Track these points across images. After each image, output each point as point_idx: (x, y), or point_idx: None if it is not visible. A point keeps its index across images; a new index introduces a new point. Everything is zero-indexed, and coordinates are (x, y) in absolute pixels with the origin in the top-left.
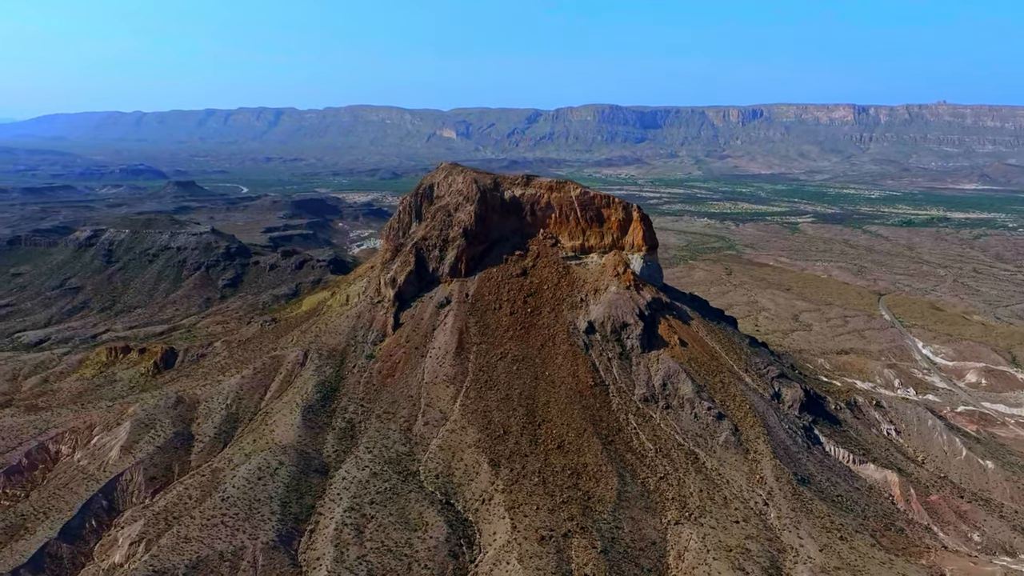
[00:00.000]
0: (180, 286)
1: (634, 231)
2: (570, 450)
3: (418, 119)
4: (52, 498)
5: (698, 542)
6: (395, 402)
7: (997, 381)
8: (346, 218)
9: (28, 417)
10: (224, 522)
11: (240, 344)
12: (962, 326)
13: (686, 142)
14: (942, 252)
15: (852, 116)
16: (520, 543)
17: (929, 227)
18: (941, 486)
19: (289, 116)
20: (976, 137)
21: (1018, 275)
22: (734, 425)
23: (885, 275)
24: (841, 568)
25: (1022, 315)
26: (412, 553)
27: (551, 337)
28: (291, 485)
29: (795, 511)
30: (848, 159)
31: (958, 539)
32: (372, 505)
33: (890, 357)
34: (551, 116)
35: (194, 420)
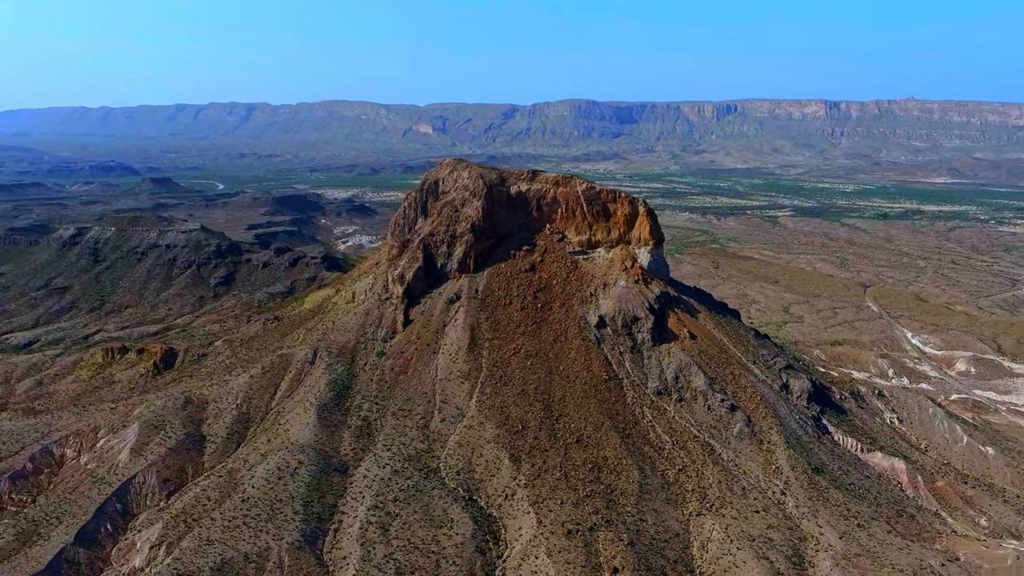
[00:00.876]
0: (171, 285)
1: (641, 225)
2: (589, 444)
3: (394, 114)
4: (63, 503)
5: (721, 532)
6: (410, 399)
7: (986, 369)
8: (328, 214)
9: (28, 421)
10: (246, 523)
11: (243, 343)
12: (947, 316)
13: (662, 137)
14: (920, 244)
15: (824, 111)
16: (547, 537)
17: (904, 220)
18: (945, 472)
19: (261, 111)
20: (943, 132)
21: (995, 266)
22: (747, 416)
23: (867, 267)
24: (861, 555)
25: (1003, 305)
26: (439, 550)
27: (563, 332)
28: (312, 484)
29: (812, 500)
30: (821, 153)
31: (966, 524)
32: (396, 503)
33: (881, 347)
34: (528, 111)
35: (204, 421)
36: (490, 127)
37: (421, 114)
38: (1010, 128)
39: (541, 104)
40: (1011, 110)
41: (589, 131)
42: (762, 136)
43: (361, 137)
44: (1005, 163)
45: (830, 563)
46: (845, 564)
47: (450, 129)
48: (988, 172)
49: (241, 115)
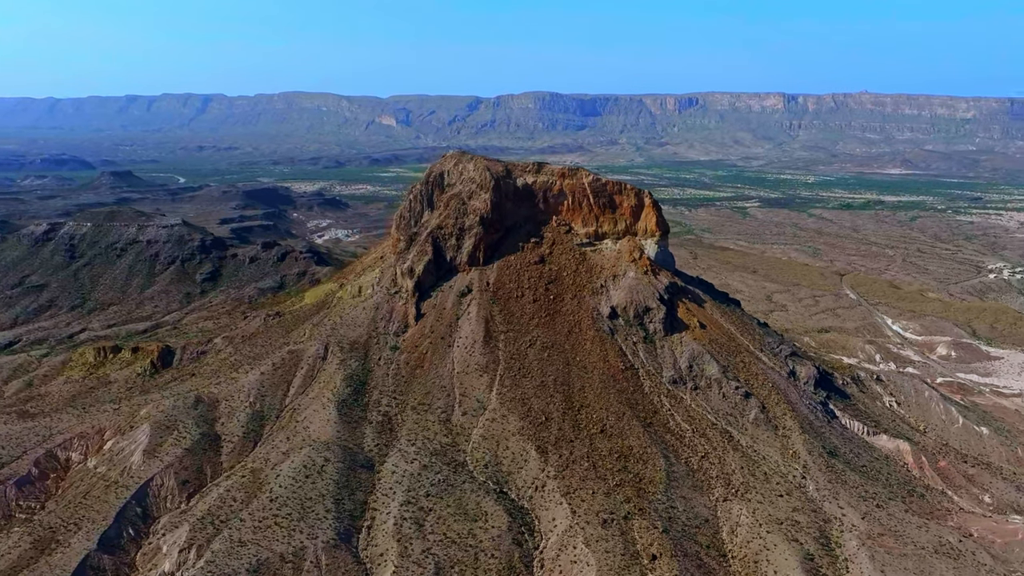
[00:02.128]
0: (155, 281)
1: (647, 217)
2: (613, 434)
3: (356, 106)
4: (79, 508)
5: (748, 517)
6: (429, 393)
7: (965, 353)
8: (300, 208)
9: (25, 424)
10: (278, 523)
11: (244, 340)
12: (921, 303)
13: (625, 129)
14: (885, 234)
15: (782, 104)
16: (583, 527)
17: (867, 210)
18: (946, 453)
19: (218, 103)
20: (896, 124)
21: (958, 254)
22: (761, 403)
23: (839, 256)
24: (884, 534)
25: (972, 291)
26: (476, 543)
27: (577, 323)
28: (340, 482)
29: (831, 483)
30: (780, 146)
31: (971, 501)
32: (428, 498)
33: (865, 334)
34: (492, 103)
35: (217, 420)
36: (454, 119)
37: (384, 106)
38: (958, 121)
39: (505, 96)
40: (959, 103)
41: (553, 123)
42: (723, 128)
43: (323, 129)
44: (955, 155)
45: (856, 543)
46: (871, 543)
47: (414, 121)
48: (939, 163)
49: (197, 107)
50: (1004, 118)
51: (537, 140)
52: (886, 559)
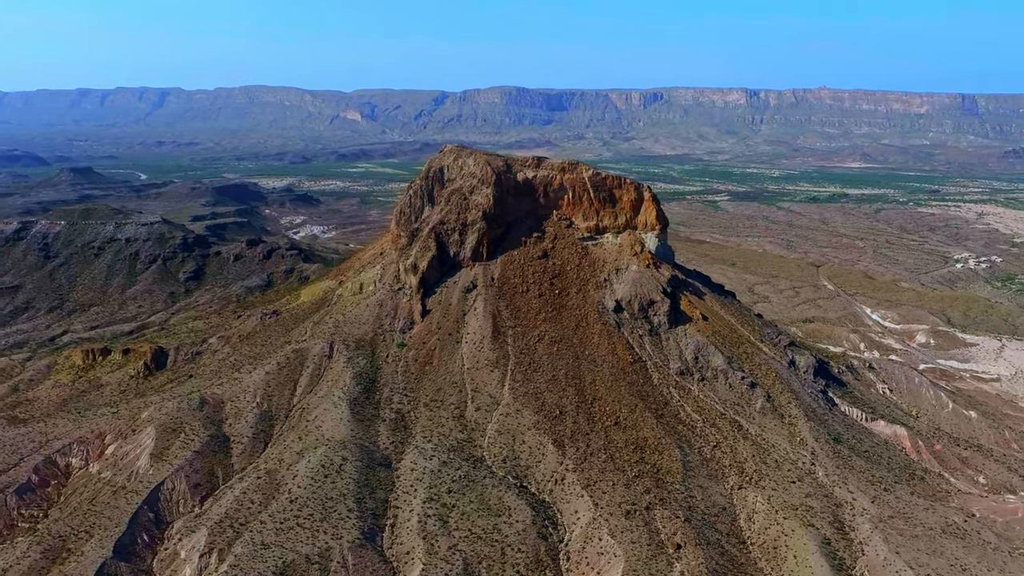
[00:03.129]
0: (136, 281)
1: (646, 211)
2: (627, 426)
3: (320, 100)
4: (88, 515)
5: (764, 504)
6: (440, 389)
7: (943, 340)
8: (271, 204)
9: (18, 430)
10: (300, 524)
11: (242, 339)
12: (896, 292)
13: (591, 124)
14: (853, 226)
15: (745, 99)
16: (607, 519)
17: (833, 203)
18: (939, 437)
19: (176, 97)
20: (854, 119)
21: (925, 245)
22: (766, 392)
23: (812, 248)
24: (895, 517)
25: (942, 280)
26: (502, 538)
27: (583, 317)
28: (360, 480)
29: (839, 468)
30: (743, 140)
31: (967, 483)
32: (450, 494)
33: (847, 323)
34: (458, 98)
35: (224, 421)
36: (420, 114)
37: (348, 100)
38: (912, 116)
39: (471, 91)
40: (913, 99)
41: (520, 118)
42: (687, 123)
43: (286, 124)
44: (911, 149)
45: (869, 526)
46: (883, 526)
47: (379, 116)
48: (897, 157)
49: (153, 101)
50: (956, 113)
51: (504, 135)
52: (899, 541)
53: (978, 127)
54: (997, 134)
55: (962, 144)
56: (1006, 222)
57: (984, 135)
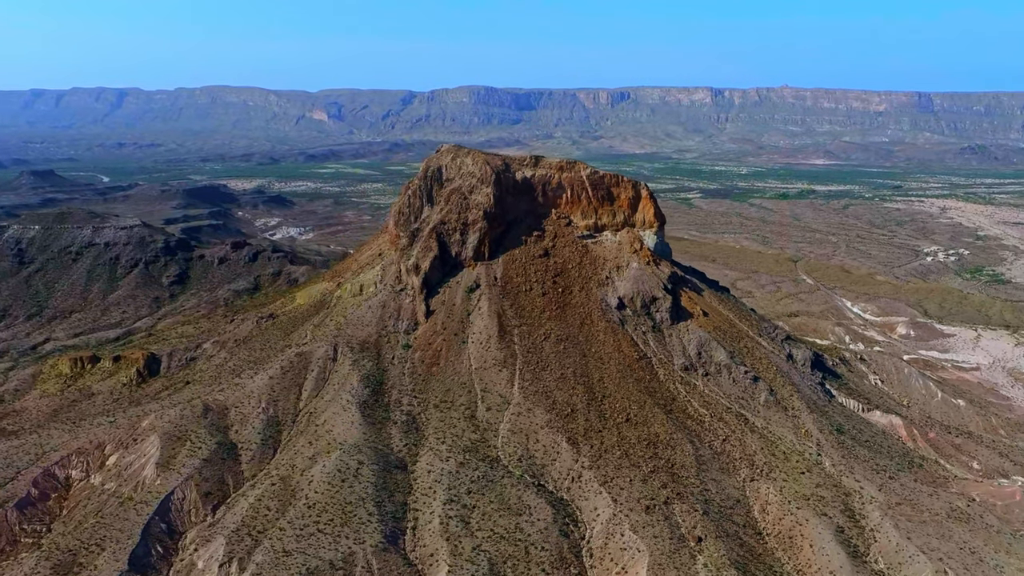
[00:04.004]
0: (118, 286)
1: (644, 208)
2: (638, 422)
3: (285, 100)
4: (97, 528)
5: (777, 495)
6: (449, 390)
7: (923, 332)
8: (244, 206)
9: (9, 442)
10: (321, 530)
11: (238, 344)
12: (873, 285)
13: (560, 123)
14: (824, 221)
15: (710, 98)
16: (627, 514)
17: (802, 199)
18: (932, 425)
19: (135, 97)
20: (815, 117)
21: (895, 239)
22: (769, 386)
23: (788, 243)
24: (902, 503)
25: (915, 273)
26: (525, 537)
27: (587, 315)
28: (378, 484)
29: (845, 458)
30: (709, 138)
31: (962, 469)
32: (470, 495)
33: (830, 317)
34: (426, 97)
35: (229, 427)
36: (388, 114)
37: (314, 100)
38: (871, 114)
39: (440, 90)
40: (872, 97)
41: (489, 118)
42: (654, 122)
43: (250, 125)
44: (871, 146)
45: (879, 514)
46: (892, 513)
47: (346, 116)
48: (858, 154)
49: (111, 101)
50: (912, 111)
51: (473, 134)
52: (909, 527)
53: (934, 124)
54: (952, 131)
55: (919, 141)
56: (968, 216)
57: (940, 132)
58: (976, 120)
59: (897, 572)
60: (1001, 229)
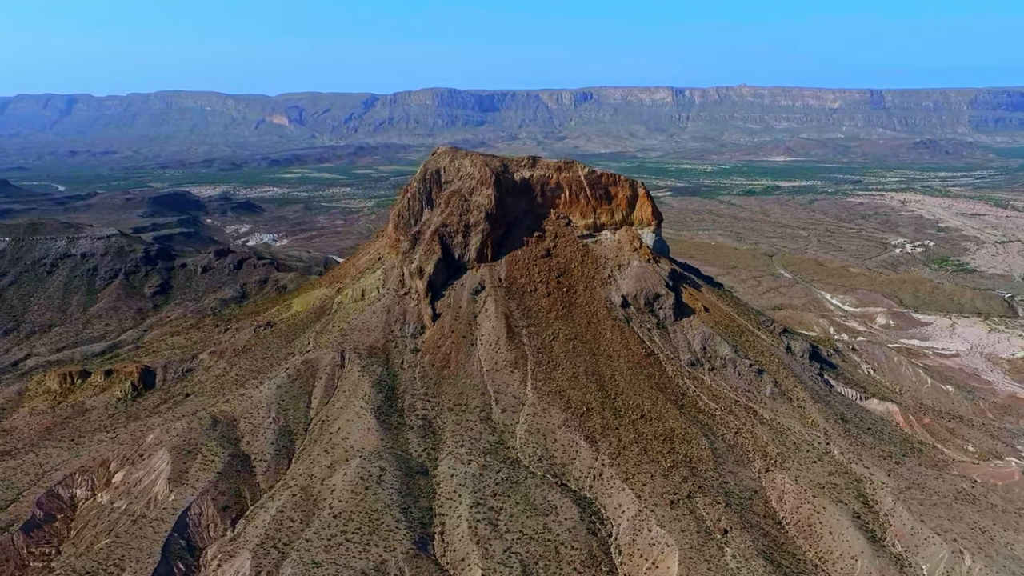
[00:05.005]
0: (98, 298)
1: (642, 207)
2: (653, 418)
3: (243, 105)
4: (113, 548)
5: (792, 484)
6: (462, 393)
7: (902, 321)
8: (212, 213)
9: (6, 463)
10: (348, 539)
11: (237, 353)
12: (848, 278)
13: (524, 124)
14: (793, 216)
15: (671, 97)
16: (653, 510)
17: (768, 195)
18: (925, 411)
19: (85, 104)
20: (773, 115)
21: (862, 232)
22: (773, 378)
23: (761, 239)
24: (911, 487)
25: (886, 265)
26: (553, 537)
27: (593, 313)
28: (402, 490)
29: (852, 446)
30: (672, 137)
31: (958, 452)
32: (496, 497)
33: (813, 309)
34: (389, 100)
35: (240, 439)
36: (351, 117)
37: (274, 104)
38: (827, 111)
39: (403, 93)
40: (827, 95)
41: (453, 120)
42: (617, 121)
43: (208, 130)
44: (828, 142)
45: (891, 499)
46: (903, 497)
47: (307, 120)
48: (817, 150)
49: (60, 108)
50: (866, 107)
51: (437, 136)
52: (921, 510)
53: (886, 120)
54: (903, 127)
55: (873, 136)
56: (928, 208)
57: (892, 128)
58: (926, 116)
59: (915, 555)
60: (960, 220)
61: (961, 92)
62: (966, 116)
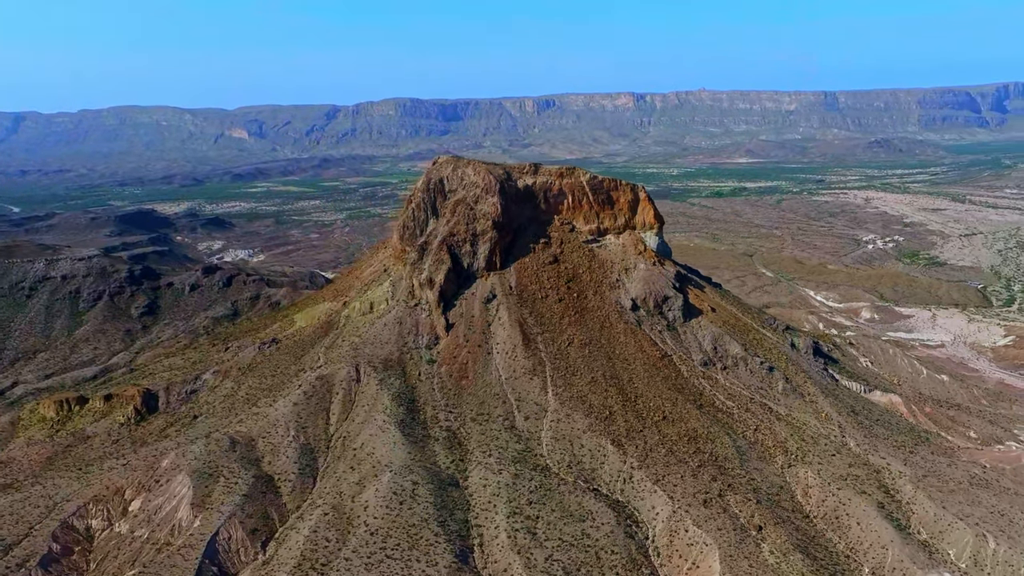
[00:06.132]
0: (83, 321)
1: (644, 211)
2: (674, 419)
3: (201, 119)
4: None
5: (816, 478)
6: (483, 402)
7: (885, 315)
8: (181, 230)
9: (11, 496)
10: (389, 555)
11: (243, 372)
12: (827, 274)
13: (488, 132)
14: (764, 216)
15: (632, 103)
16: (687, 510)
17: (737, 196)
18: (925, 400)
19: (33, 121)
20: (732, 118)
21: (834, 229)
22: (784, 375)
23: (738, 240)
24: (928, 475)
25: (861, 260)
26: (593, 543)
27: (605, 317)
28: (437, 503)
29: (867, 437)
30: (635, 142)
31: (961, 439)
32: (531, 505)
33: (798, 306)
34: (351, 111)
35: (261, 459)
36: (312, 129)
37: (233, 118)
38: (783, 113)
39: (365, 104)
40: (783, 97)
41: (416, 130)
42: (580, 128)
43: (165, 146)
44: (787, 143)
45: (911, 487)
46: (922, 485)
47: (268, 133)
48: (776, 151)
49: (7, 126)
50: (820, 109)
51: (402, 147)
52: (941, 497)
53: (840, 121)
54: (857, 127)
55: (829, 137)
56: (891, 205)
57: (846, 128)
58: (877, 115)
59: (940, 540)
60: (923, 216)
61: (910, 92)
62: (915, 115)
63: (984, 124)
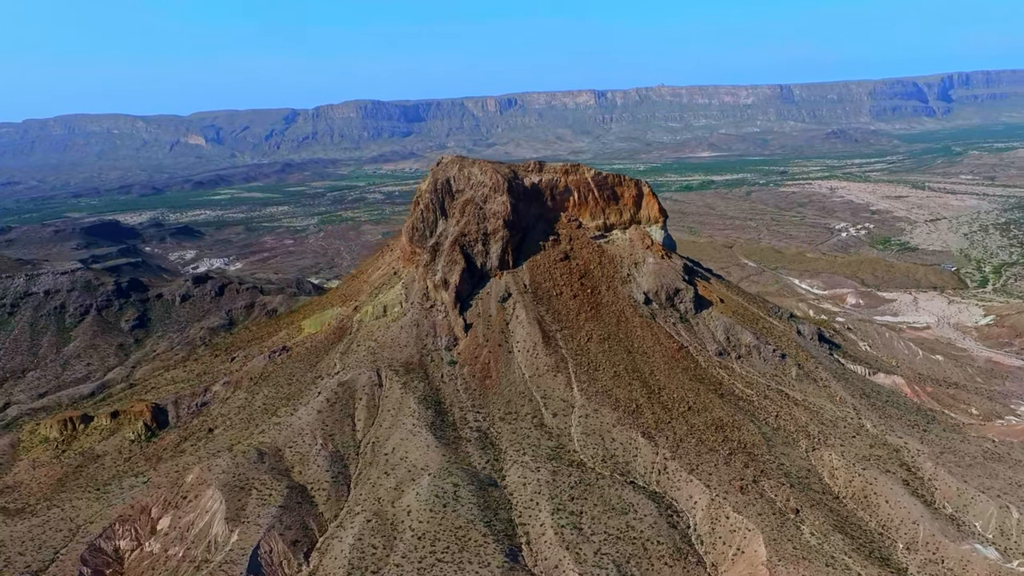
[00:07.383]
0: (71, 337)
1: (648, 205)
2: (699, 409)
3: (154, 126)
4: None
5: (840, 460)
6: (510, 401)
7: (870, 300)
8: (149, 241)
9: (29, 521)
10: (440, 559)
11: (256, 382)
12: (808, 262)
13: (451, 133)
14: (736, 208)
15: (594, 100)
16: (725, 497)
17: (706, 190)
18: (926, 380)
19: None
20: (692, 113)
21: (806, 219)
22: (796, 361)
23: (715, 232)
24: (945, 452)
25: (837, 248)
26: (638, 535)
27: (620, 312)
28: (480, 504)
29: (882, 418)
30: (598, 139)
31: (964, 416)
32: (573, 501)
33: (785, 294)
34: (311, 115)
35: (291, 469)
36: (272, 133)
37: (188, 124)
38: (741, 107)
39: (324, 107)
40: (740, 91)
41: (379, 132)
42: (543, 126)
43: (118, 154)
44: (747, 136)
45: (931, 464)
46: (942, 461)
47: (226, 139)
48: (738, 144)
49: None
50: (777, 102)
51: (365, 149)
52: (960, 471)
53: (796, 113)
54: (812, 119)
55: (786, 129)
56: (855, 194)
57: (802, 120)
58: (831, 107)
59: (965, 514)
60: (888, 203)
61: (861, 84)
62: (867, 106)
63: (931, 113)
